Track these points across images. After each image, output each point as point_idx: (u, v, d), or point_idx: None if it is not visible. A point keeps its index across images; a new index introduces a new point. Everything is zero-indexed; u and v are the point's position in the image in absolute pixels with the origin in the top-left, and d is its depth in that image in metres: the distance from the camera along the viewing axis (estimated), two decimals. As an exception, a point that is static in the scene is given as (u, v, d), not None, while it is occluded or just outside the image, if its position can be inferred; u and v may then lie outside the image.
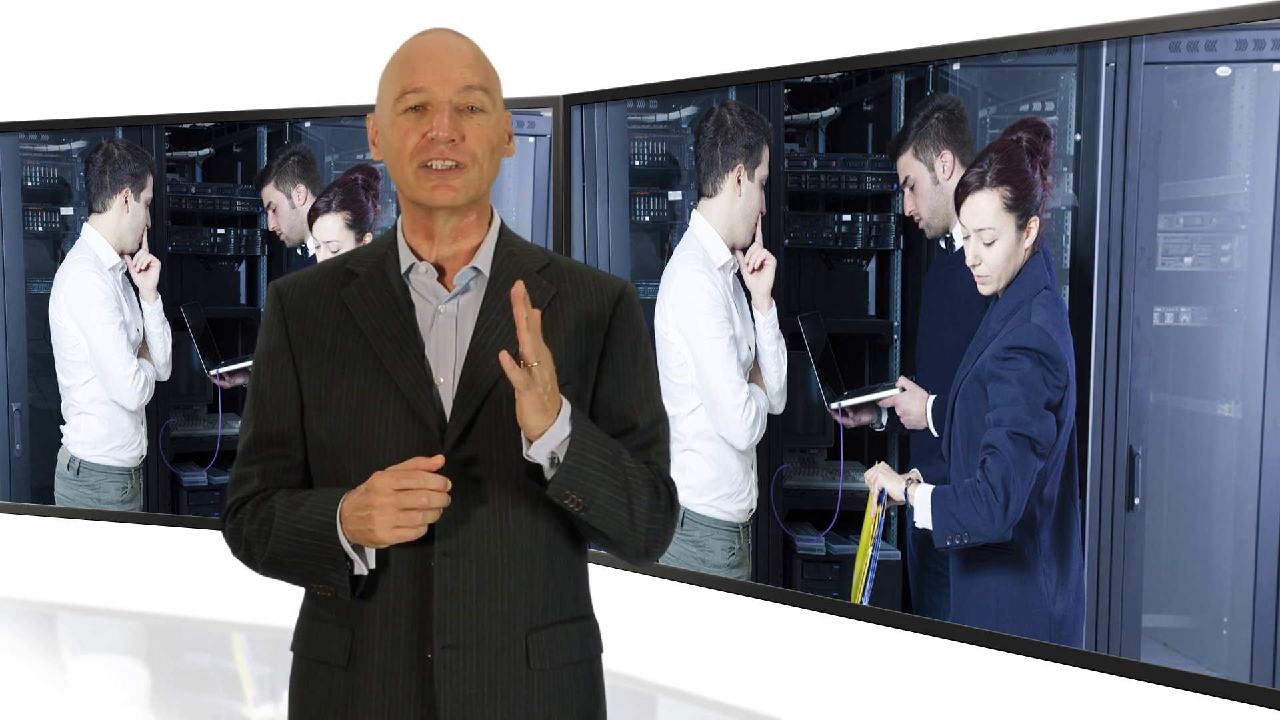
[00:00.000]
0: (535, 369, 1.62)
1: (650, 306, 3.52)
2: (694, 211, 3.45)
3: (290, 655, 1.88)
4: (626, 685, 3.58)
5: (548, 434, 1.66)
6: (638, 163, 3.59)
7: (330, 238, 4.04)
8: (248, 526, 1.80)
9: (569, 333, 1.79)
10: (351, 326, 1.78)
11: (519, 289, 1.62)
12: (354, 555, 1.71)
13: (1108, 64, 2.70)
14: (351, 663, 1.77)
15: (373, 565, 1.73)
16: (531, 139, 3.72)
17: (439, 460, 1.67)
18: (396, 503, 1.64)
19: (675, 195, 3.52)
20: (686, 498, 3.47)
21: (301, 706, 1.83)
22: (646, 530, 1.78)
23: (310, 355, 1.79)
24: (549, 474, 1.68)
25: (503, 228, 1.84)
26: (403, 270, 1.80)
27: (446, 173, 1.73)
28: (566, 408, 1.68)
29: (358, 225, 4.01)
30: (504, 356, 1.62)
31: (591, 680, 1.86)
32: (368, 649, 1.76)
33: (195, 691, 3.96)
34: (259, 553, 1.79)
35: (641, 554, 1.81)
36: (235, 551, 1.84)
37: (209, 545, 4.34)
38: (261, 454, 1.83)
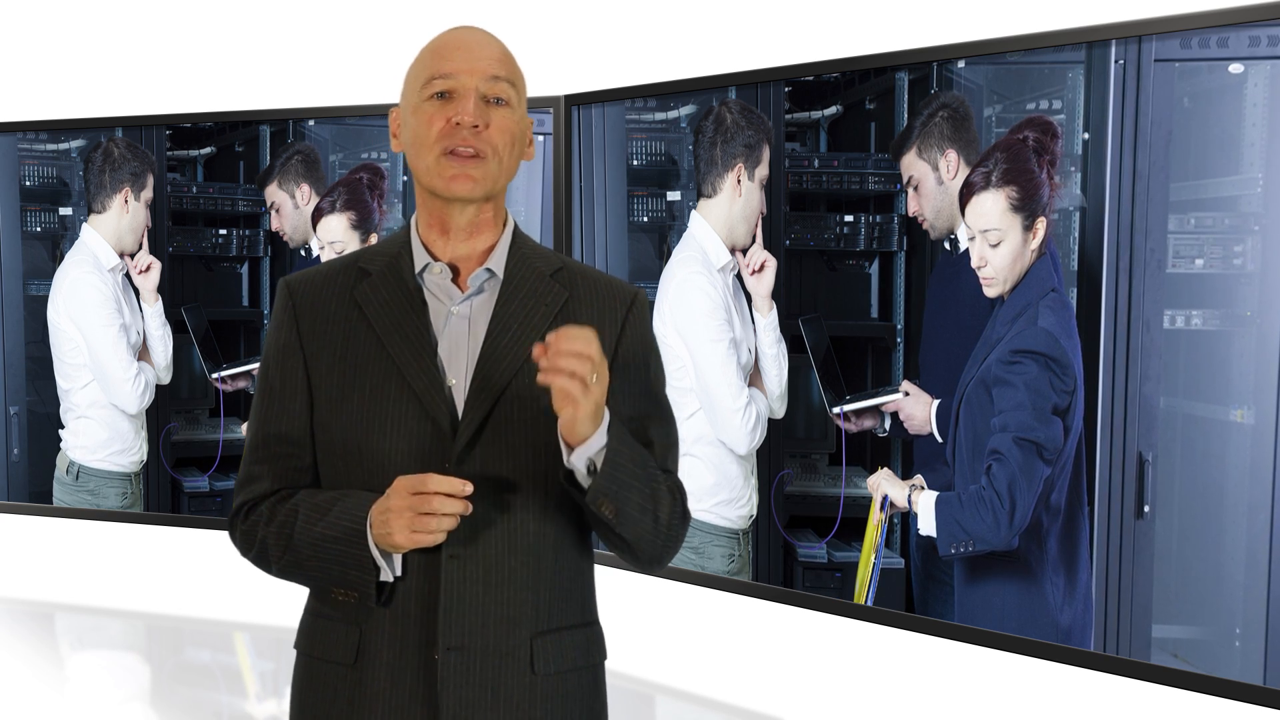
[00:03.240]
0: (592, 383, 1.63)
1: (649, 309, 3.51)
2: (693, 212, 3.44)
3: (293, 653, 1.88)
4: (628, 685, 3.58)
5: (589, 442, 1.67)
6: (635, 162, 3.58)
7: (335, 238, 4.02)
8: (264, 529, 1.80)
9: None
10: (365, 326, 1.78)
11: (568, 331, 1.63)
12: (382, 562, 1.72)
13: (1116, 61, 2.69)
14: (358, 661, 1.77)
15: (399, 573, 1.74)
16: (542, 137, 3.71)
17: (462, 487, 1.66)
18: (413, 507, 1.65)
19: (674, 195, 3.51)
20: (686, 503, 3.44)
21: (305, 704, 1.84)
22: (665, 538, 1.80)
23: (322, 355, 1.80)
24: (585, 480, 1.70)
25: (516, 230, 1.85)
26: (417, 270, 1.80)
27: (466, 161, 1.74)
28: (607, 417, 1.69)
29: (363, 226, 3.99)
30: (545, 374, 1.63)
31: (595, 686, 1.87)
32: (376, 649, 1.77)
33: (197, 689, 3.96)
34: (276, 555, 1.79)
35: (655, 560, 1.84)
36: (246, 553, 1.85)
37: (210, 545, 4.34)
38: (270, 451, 1.82)
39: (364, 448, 1.76)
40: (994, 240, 2.86)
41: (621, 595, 3.41)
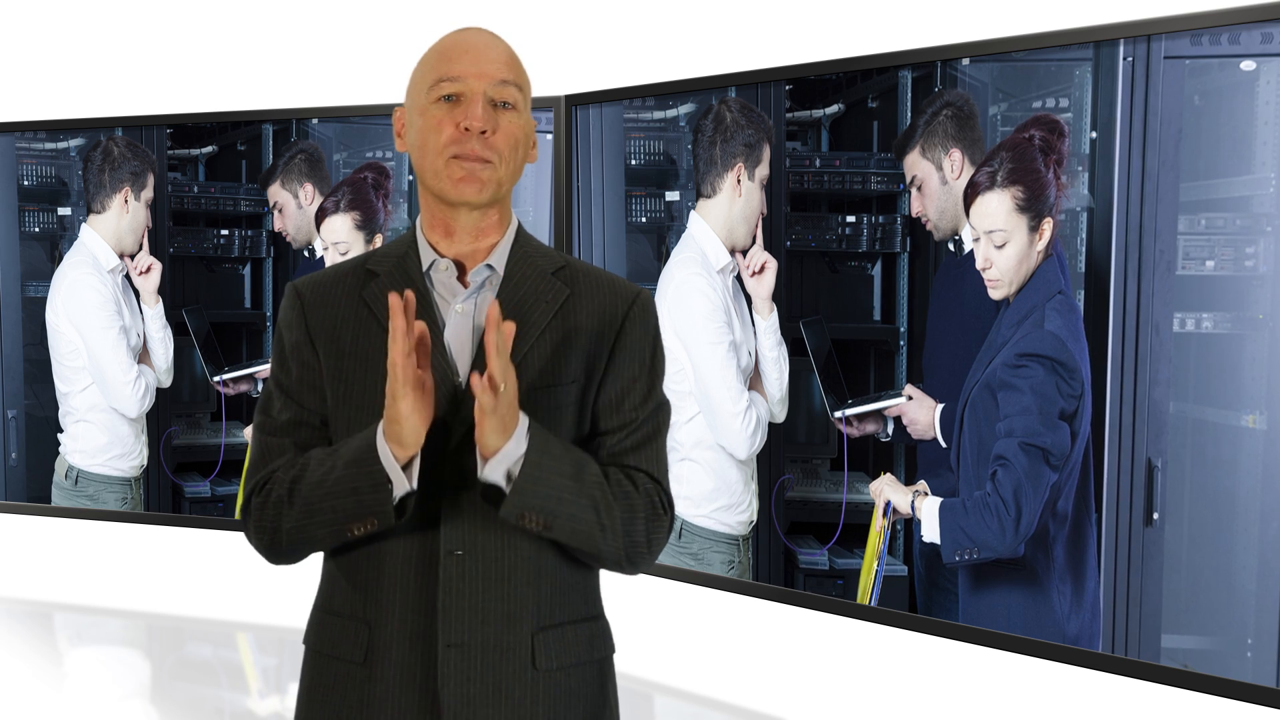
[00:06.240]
0: (501, 391, 1.63)
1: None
2: (692, 213, 3.44)
3: (296, 651, 1.92)
4: (628, 685, 3.58)
5: (502, 452, 1.68)
6: (634, 162, 3.58)
7: (338, 239, 4.01)
8: (278, 490, 1.78)
9: (580, 334, 1.82)
10: (374, 325, 1.80)
11: (494, 310, 1.64)
12: (397, 471, 1.69)
13: (1125, 58, 2.68)
14: (368, 659, 1.79)
15: (414, 485, 1.71)
16: (549, 136, 3.69)
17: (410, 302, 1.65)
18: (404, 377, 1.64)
19: (673, 195, 3.51)
20: (684, 509, 3.48)
21: (313, 699, 1.85)
22: (624, 541, 1.78)
23: (331, 353, 1.82)
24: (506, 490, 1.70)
25: (520, 229, 1.87)
26: (424, 268, 1.82)
27: (474, 164, 1.76)
28: (524, 423, 1.69)
29: (367, 226, 3.97)
30: (474, 379, 1.64)
31: (601, 681, 1.87)
32: (385, 646, 1.78)
33: (197, 685, 3.97)
34: (287, 510, 1.77)
35: (621, 563, 1.82)
36: (260, 537, 1.82)
37: (211, 546, 4.36)
38: (292, 436, 1.83)
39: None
40: (999, 241, 2.85)
41: (622, 595, 3.41)
